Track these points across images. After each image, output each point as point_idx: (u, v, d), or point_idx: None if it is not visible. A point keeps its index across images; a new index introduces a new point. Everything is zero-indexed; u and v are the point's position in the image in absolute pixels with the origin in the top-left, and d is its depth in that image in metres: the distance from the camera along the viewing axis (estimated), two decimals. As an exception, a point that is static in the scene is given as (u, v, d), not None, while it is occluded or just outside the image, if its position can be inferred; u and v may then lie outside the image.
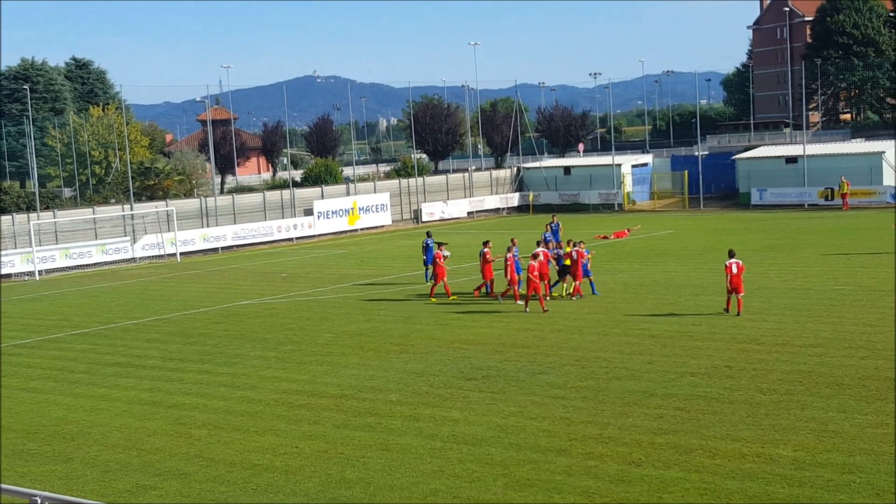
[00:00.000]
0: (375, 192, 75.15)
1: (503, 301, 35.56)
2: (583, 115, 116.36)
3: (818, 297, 33.16)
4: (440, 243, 39.02)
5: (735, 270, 30.67)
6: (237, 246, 65.24)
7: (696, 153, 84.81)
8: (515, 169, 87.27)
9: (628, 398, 21.83)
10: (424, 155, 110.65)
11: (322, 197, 72.24)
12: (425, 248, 41.79)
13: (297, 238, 68.53)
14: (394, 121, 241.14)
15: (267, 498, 17.04)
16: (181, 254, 61.54)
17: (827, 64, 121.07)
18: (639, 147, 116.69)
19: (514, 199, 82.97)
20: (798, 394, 21.38)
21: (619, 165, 79.56)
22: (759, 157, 76.21)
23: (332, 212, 70.92)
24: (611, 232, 57.89)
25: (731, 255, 31.24)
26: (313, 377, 25.87)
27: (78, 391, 26.01)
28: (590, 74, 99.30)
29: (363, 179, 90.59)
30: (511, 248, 35.79)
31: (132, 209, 63.67)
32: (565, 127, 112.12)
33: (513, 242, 36.64)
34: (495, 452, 18.60)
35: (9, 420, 23.27)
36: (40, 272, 55.23)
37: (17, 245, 57.02)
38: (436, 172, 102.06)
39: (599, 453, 18.18)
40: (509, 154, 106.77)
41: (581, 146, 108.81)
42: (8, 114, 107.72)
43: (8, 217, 58.98)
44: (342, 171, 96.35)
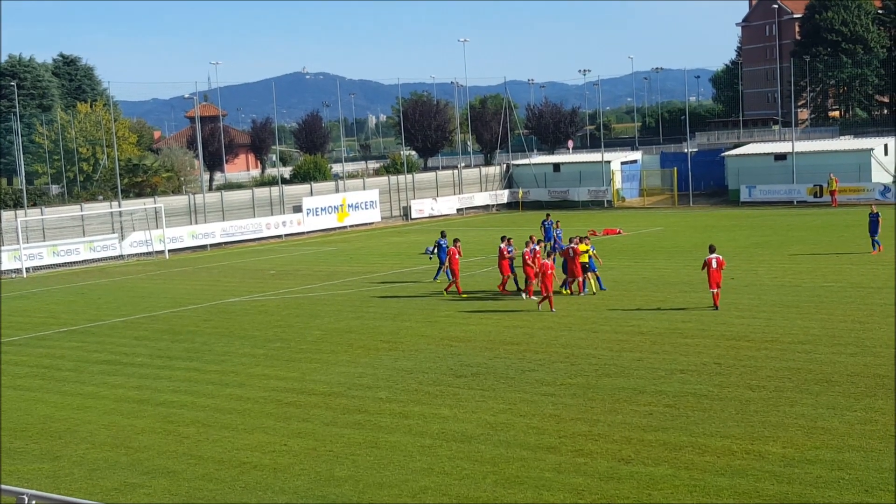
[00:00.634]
0: (364, 189, 75.09)
1: (527, 298, 35.05)
2: (572, 112, 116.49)
3: (807, 294, 33.21)
4: (456, 239, 38.64)
5: (715, 265, 31.05)
6: (226, 243, 65.10)
7: (686, 150, 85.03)
8: (505, 166, 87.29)
9: (618, 395, 21.82)
10: (414, 152, 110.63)
11: (311, 194, 72.15)
12: (438, 248, 41.15)
13: (286, 235, 68.41)
14: (383, 117, 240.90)
15: (255, 496, 16.97)
16: (169, 251, 61.35)
17: (815, 61, 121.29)
18: (628, 144, 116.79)
19: (504, 196, 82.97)
20: (787, 390, 21.39)
21: (609, 162, 79.62)
22: (749, 154, 76.38)
23: (322, 209, 70.82)
24: (601, 229, 57.89)
25: (712, 251, 31.61)
26: (302, 374, 25.80)
27: (65, 389, 25.89)
28: (579, 71, 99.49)
29: (352, 176, 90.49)
30: (529, 244, 35.47)
31: (120, 206, 63.47)
32: (555, 124, 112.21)
33: (531, 239, 36.20)
34: (485, 450, 18.57)
35: (-4, 418, 23.15)
36: (28, 269, 55.00)
37: (5, 242, 56.76)
38: (425, 169, 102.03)
39: (589, 450, 18.15)
40: (499, 151, 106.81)
41: (570, 143, 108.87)
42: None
43: (-5, 214, 58.74)
44: (331, 168, 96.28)
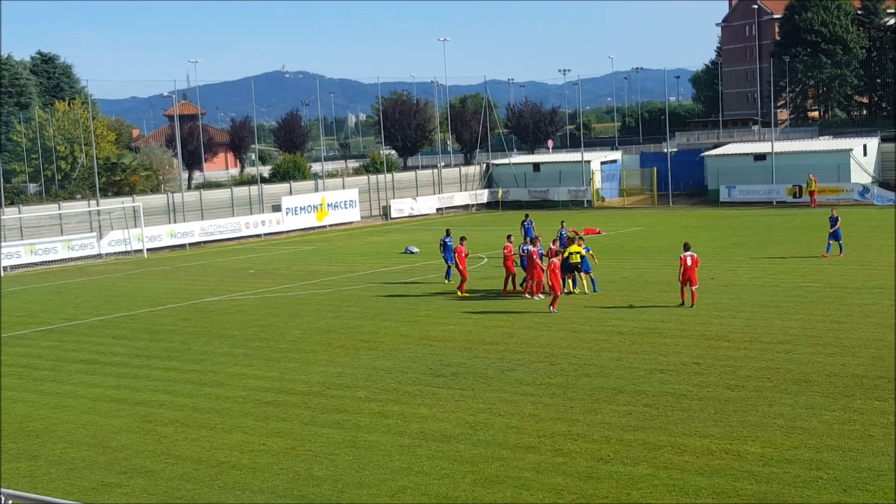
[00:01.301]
0: (344, 189, 74.94)
1: (537, 298, 34.77)
2: (552, 112, 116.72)
3: (786, 294, 33.34)
4: (462, 237, 38.39)
5: (689, 263, 31.58)
6: (204, 242, 64.86)
7: (666, 150, 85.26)
8: (485, 165, 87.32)
9: (597, 395, 21.83)
10: (393, 151, 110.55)
11: (290, 193, 71.96)
12: (443, 246, 40.28)
13: (266, 234, 68.22)
14: (363, 117, 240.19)
15: (234, 495, 16.90)
16: (148, 250, 61.07)
17: (795, 61, 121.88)
18: (608, 144, 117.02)
19: (484, 196, 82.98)
20: (766, 390, 21.45)
21: (589, 162, 79.75)
22: (728, 155, 76.65)
23: (301, 208, 70.65)
24: (581, 228, 57.91)
25: (686, 248, 32.17)
26: (281, 374, 25.72)
27: (43, 388, 25.72)
28: (559, 71, 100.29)
29: (332, 175, 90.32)
30: (536, 242, 35.29)
31: (98, 205, 63.13)
32: (535, 123, 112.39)
33: (537, 238, 36.06)
34: (464, 449, 18.54)
35: (-28, 418, 22.98)
36: (5, 268, 54.65)
37: (-18, 241, 56.40)
38: (405, 169, 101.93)
39: (568, 450, 18.15)
40: (478, 150, 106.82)
41: (550, 143, 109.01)
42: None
43: (-28, 212, 58.35)
44: (311, 167, 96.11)
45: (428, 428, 20.07)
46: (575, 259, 35.17)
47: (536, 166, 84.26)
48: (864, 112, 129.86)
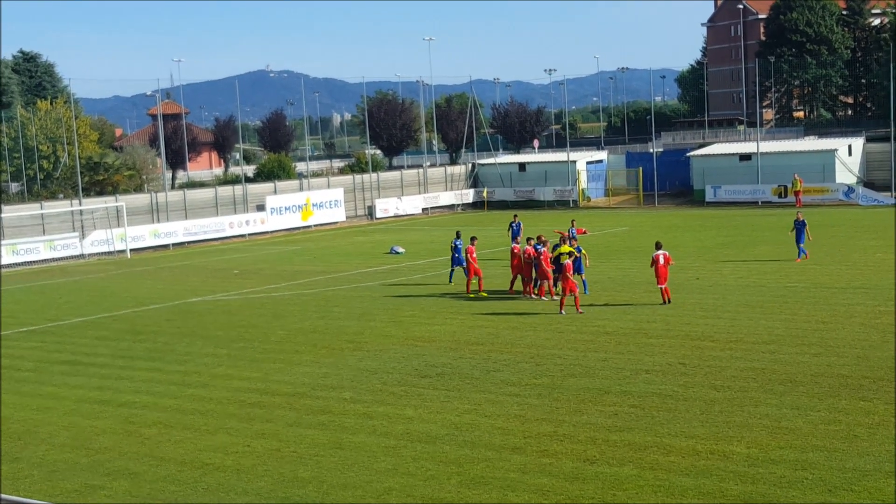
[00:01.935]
0: (329, 188, 74.81)
1: (545, 299, 34.57)
2: (538, 112, 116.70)
3: (771, 294, 33.38)
4: (473, 237, 38.06)
5: (662, 262, 32.10)
6: (188, 242, 64.62)
7: (651, 150, 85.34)
8: (470, 165, 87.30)
9: (583, 395, 21.79)
10: (378, 151, 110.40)
11: (275, 192, 71.80)
12: (454, 249, 39.66)
13: (250, 234, 68.02)
14: (348, 116, 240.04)
15: (218, 497, 16.79)
16: (131, 250, 60.79)
17: (780, 62, 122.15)
18: (594, 144, 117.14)
19: (469, 196, 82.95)
20: (751, 391, 21.45)
21: (574, 162, 79.81)
22: (714, 155, 76.81)
23: (285, 208, 70.48)
24: (566, 229, 57.83)
25: (658, 247, 32.60)
26: (266, 375, 25.60)
27: (25, 390, 25.53)
28: (545, 71, 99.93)
29: (316, 175, 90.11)
30: (544, 241, 35.11)
31: (81, 204, 62.81)
32: (520, 123, 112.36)
33: (539, 239, 35.78)
34: (450, 450, 18.48)
35: (-47, 419, 22.79)
36: (-13, 268, 54.35)
37: (-36, 241, 56.07)
38: (390, 168, 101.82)
39: (554, 451, 18.11)
40: (464, 150, 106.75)
41: (536, 142, 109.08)
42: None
43: (-46, 212, 58.00)
44: (295, 167, 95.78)
45: (413, 429, 19.99)
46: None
47: (522, 166, 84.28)
48: (849, 112, 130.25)
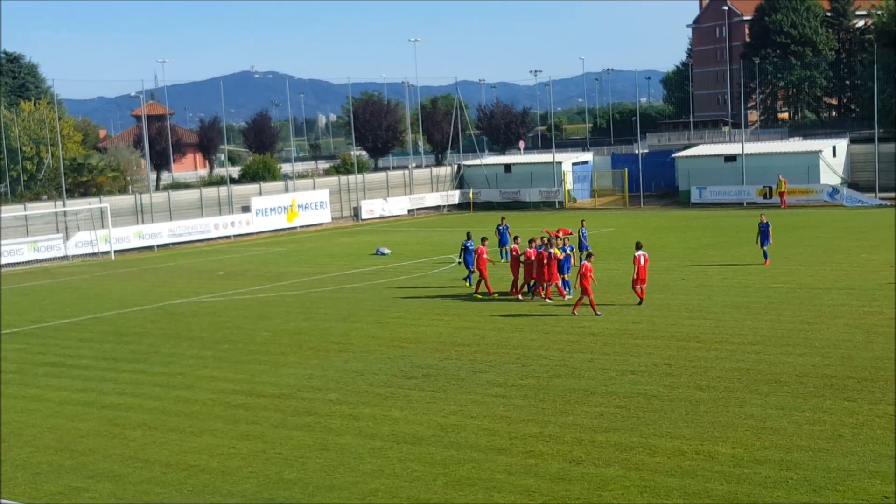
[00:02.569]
0: (314, 190, 74.73)
1: (549, 301, 34.42)
2: (523, 113, 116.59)
3: (756, 295, 33.45)
4: (483, 238, 37.91)
5: (643, 262, 32.37)
6: (173, 243, 64.43)
7: (637, 151, 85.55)
8: (456, 166, 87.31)
9: (569, 396, 21.80)
10: (364, 152, 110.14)
11: (260, 194, 71.69)
12: (464, 250, 39.11)
13: (235, 235, 67.86)
14: (333, 117, 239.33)
15: (203, 499, 16.73)
16: (115, 251, 60.58)
17: (765, 63, 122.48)
18: (579, 145, 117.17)
19: (455, 197, 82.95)
20: (737, 391, 21.49)
21: (560, 163, 79.88)
22: (699, 156, 76.97)
23: (271, 209, 70.34)
24: (555, 228, 57.87)
25: (639, 248, 32.75)
26: (251, 376, 25.54)
27: (8, 391, 25.41)
28: (530, 72, 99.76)
29: (302, 176, 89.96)
30: (548, 241, 34.96)
31: (65, 206, 62.57)
32: (506, 124, 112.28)
33: (543, 241, 35.64)
34: (436, 451, 18.46)
35: (-64, 422, 22.66)
36: (-29, 270, 54.09)
37: (-53, 242, 55.75)
38: (376, 170, 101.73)
39: (540, 451, 18.11)
40: (450, 151, 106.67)
41: (522, 144, 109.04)
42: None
43: (-63, 214, 57.66)
44: (280, 168, 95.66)
45: (399, 430, 19.97)
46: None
47: (508, 167, 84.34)
48: (834, 114, 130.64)
